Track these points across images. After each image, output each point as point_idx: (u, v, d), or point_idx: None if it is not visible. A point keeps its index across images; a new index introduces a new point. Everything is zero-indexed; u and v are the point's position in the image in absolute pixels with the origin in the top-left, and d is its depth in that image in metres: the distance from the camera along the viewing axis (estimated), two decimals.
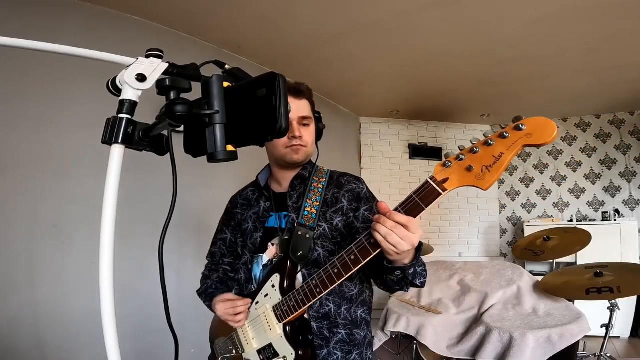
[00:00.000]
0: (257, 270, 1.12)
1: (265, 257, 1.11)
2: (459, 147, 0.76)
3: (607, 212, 4.00)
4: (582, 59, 2.99)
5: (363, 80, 3.50)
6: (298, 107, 1.07)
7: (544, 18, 2.44)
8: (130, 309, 2.18)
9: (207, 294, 1.19)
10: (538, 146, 0.69)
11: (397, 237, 0.76)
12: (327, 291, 0.90)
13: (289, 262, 1.02)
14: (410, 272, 0.88)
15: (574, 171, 4.39)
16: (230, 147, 0.54)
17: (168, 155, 0.61)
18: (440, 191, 0.75)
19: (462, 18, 2.48)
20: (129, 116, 0.55)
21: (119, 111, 0.55)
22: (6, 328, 1.80)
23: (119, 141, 0.54)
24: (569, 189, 4.41)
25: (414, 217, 0.77)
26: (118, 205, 0.53)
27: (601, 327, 2.04)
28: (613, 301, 1.97)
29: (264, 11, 2.42)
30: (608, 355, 2.15)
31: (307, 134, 1.09)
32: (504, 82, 3.51)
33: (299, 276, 1.04)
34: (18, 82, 1.94)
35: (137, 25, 2.45)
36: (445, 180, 0.75)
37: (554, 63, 3.08)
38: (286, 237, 1.05)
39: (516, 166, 4.74)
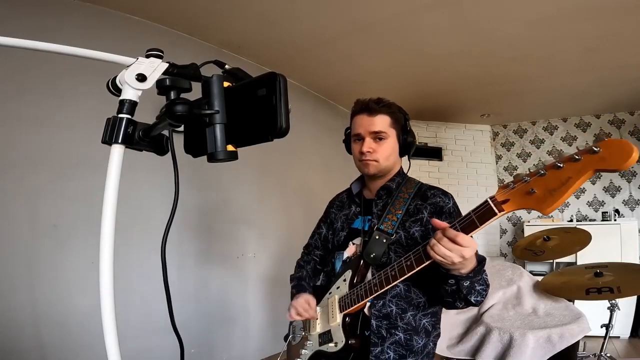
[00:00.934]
0: (338, 265, 1.23)
1: (345, 254, 1.22)
2: (528, 169, 0.76)
3: (607, 212, 4.00)
4: (582, 59, 2.99)
5: (363, 80, 3.50)
6: (370, 123, 1.13)
7: (544, 18, 2.44)
8: (131, 309, 2.18)
9: (301, 285, 1.28)
10: (611, 171, 0.66)
11: (444, 248, 0.81)
12: (382, 290, 0.99)
13: (362, 262, 1.12)
14: (464, 284, 0.90)
15: None
16: (230, 147, 0.54)
17: (168, 155, 0.61)
18: (497, 211, 0.77)
19: (462, 18, 2.48)
20: (129, 116, 0.55)
21: (119, 111, 0.55)
22: (6, 328, 1.80)
23: (119, 141, 0.54)
24: None
25: (468, 233, 0.81)
26: (118, 205, 0.53)
27: (601, 327, 2.04)
28: (613, 301, 1.97)
29: (264, 11, 2.42)
30: (608, 355, 2.15)
31: (381, 149, 1.14)
32: (504, 82, 3.51)
33: (369, 275, 1.12)
34: (18, 82, 1.94)
35: (137, 25, 2.45)
36: (505, 202, 0.76)
37: (554, 63, 3.08)
38: (365, 239, 1.15)
39: (516, 166, 4.74)
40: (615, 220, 3.88)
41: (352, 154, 1.23)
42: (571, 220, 4.16)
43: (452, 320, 2.10)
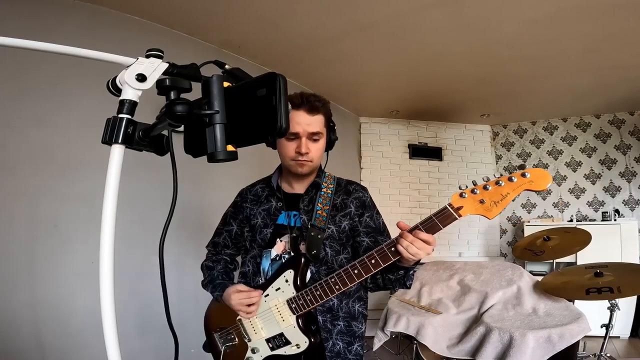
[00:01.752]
0: (266, 264, 1.18)
1: (274, 252, 1.18)
2: (472, 182, 0.95)
3: (607, 212, 4.00)
4: (582, 59, 2.99)
5: (363, 80, 3.50)
6: (309, 123, 1.11)
7: (544, 18, 2.44)
8: (131, 309, 2.18)
9: (216, 284, 1.24)
10: (535, 191, 0.91)
11: (415, 248, 0.93)
12: (345, 289, 1.02)
13: (303, 260, 1.10)
14: (411, 273, 1.07)
15: (574, 171, 4.39)
16: (230, 147, 0.54)
17: (168, 155, 0.61)
18: (457, 216, 0.93)
19: (462, 18, 2.47)
20: (129, 116, 0.55)
21: (119, 111, 0.55)
22: (6, 328, 1.80)
23: (119, 141, 0.54)
24: (569, 189, 4.41)
25: (432, 234, 0.94)
26: (118, 205, 0.54)
27: (601, 327, 2.04)
28: (613, 301, 1.97)
29: (264, 11, 2.42)
30: (608, 355, 2.15)
31: (315, 149, 1.14)
32: (504, 82, 3.50)
33: (307, 273, 1.13)
34: (18, 82, 1.94)
35: (137, 25, 2.45)
36: (460, 208, 0.94)
37: (554, 63, 3.08)
38: (294, 235, 1.14)
39: (516, 166, 4.74)
40: (615, 220, 3.88)
41: (275, 148, 1.18)
42: (571, 220, 4.16)
43: (452, 320, 2.10)
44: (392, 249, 0.97)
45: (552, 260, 2.96)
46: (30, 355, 1.85)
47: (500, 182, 0.90)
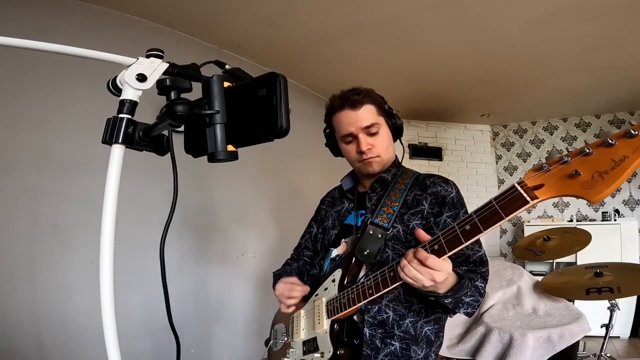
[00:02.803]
0: (326, 264, 1.12)
1: (335, 252, 1.10)
2: (566, 149, 0.62)
3: (607, 212, 4.00)
4: (582, 59, 2.99)
5: (363, 80, 3.44)
6: (358, 118, 1.02)
7: (544, 18, 2.44)
8: (131, 309, 2.18)
9: (278, 274, 1.19)
10: None
11: (414, 270, 0.75)
12: (378, 294, 0.86)
13: (353, 259, 0.99)
14: (446, 301, 0.84)
15: None
16: (230, 147, 0.54)
17: (168, 155, 0.61)
18: (529, 199, 0.61)
19: (462, 18, 2.47)
20: (129, 116, 0.55)
21: (119, 111, 0.55)
22: (6, 328, 1.80)
23: (119, 141, 0.54)
24: None
25: (488, 227, 0.67)
26: (118, 205, 0.53)
27: (601, 327, 2.04)
28: (613, 301, 1.98)
29: (264, 11, 2.42)
30: (608, 355, 2.15)
31: (378, 141, 1.04)
32: (504, 82, 3.50)
33: (362, 274, 1.01)
34: (18, 82, 1.93)
35: (137, 25, 2.45)
36: (538, 187, 0.61)
37: (554, 63, 3.08)
38: (358, 235, 1.02)
39: (516, 166, 4.74)
40: (615, 220, 3.88)
41: (343, 156, 1.12)
42: (571, 220, 4.16)
43: (452, 320, 2.10)
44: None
45: (552, 260, 2.96)
46: (30, 355, 1.85)
47: (611, 140, 0.55)
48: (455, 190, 1.02)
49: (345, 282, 0.98)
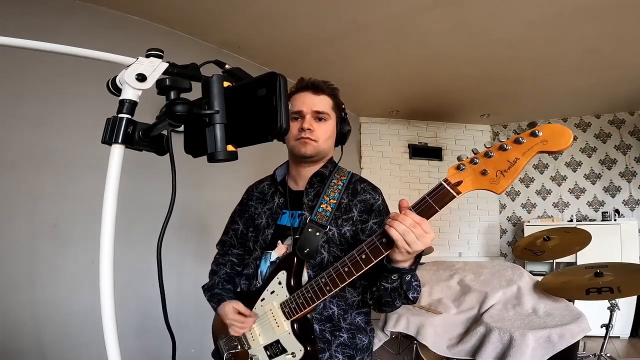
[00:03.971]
0: (264, 267, 1.10)
1: (274, 255, 1.10)
2: (472, 151, 0.77)
3: (607, 212, 4.00)
4: (582, 59, 2.99)
5: (363, 80, 3.50)
6: (314, 102, 1.06)
7: (544, 18, 2.44)
8: (131, 309, 2.18)
9: (213, 294, 1.17)
10: (553, 153, 0.70)
11: (414, 235, 0.76)
12: (336, 289, 0.90)
13: (295, 259, 1.01)
14: (407, 278, 0.88)
15: (574, 171, 4.39)
16: (230, 147, 0.54)
17: (168, 155, 0.61)
18: (455, 194, 0.75)
19: (462, 18, 2.47)
20: (129, 116, 0.55)
21: (119, 111, 0.55)
22: (6, 328, 1.80)
23: (119, 141, 0.54)
24: (569, 189, 4.41)
25: (427, 218, 0.78)
26: (118, 205, 0.53)
27: (601, 327, 2.04)
28: (613, 301, 1.97)
29: (264, 11, 2.42)
30: (608, 355, 2.15)
31: (321, 129, 1.06)
32: (504, 82, 3.50)
33: (305, 275, 1.03)
34: (18, 82, 1.94)
35: (137, 25, 2.45)
36: (459, 183, 0.75)
37: (554, 63, 3.08)
38: (297, 237, 1.03)
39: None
40: (615, 220, 3.88)
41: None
42: (571, 220, 4.16)
43: (452, 320, 2.10)
44: (384, 239, 0.81)
45: (552, 260, 2.96)
46: (30, 355, 1.85)
47: (506, 146, 0.72)
48: (381, 198, 1.08)
49: (292, 283, 1.00)
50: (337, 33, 2.68)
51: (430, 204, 0.77)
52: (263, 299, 1.06)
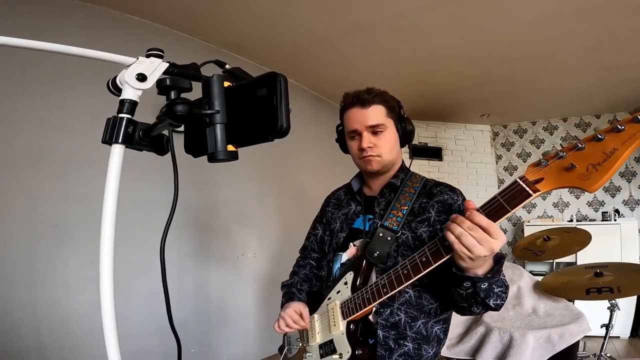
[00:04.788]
0: (336, 268, 1.13)
1: (345, 256, 1.12)
2: (561, 145, 0.69)
3: (607, 212, 4.00)
4: (582, 59, 2.99)
5: (363, 80, 3.45)
6: (365, 117, 1.04)
7: (544, 18, 2.44)
8: (131, 309, 2.18)
9: (288, 292, 1.20)
10: None
11: (472, 239, 0.69)
12: (393, 292, 0.87)
13: (364, 262, 1.01)
14: (482, 286, 0.79)
15: None
16: (230, 147, 0.54)
17: (168, 155, 0.61)
18: (531, 192, 0.66)
19: (462, 18, 2.47)
20: (129, 116, 0.55)
21: (119, 111, 0.55)
22: (6, 328, 1.80)
23: (119, 141, 0.54)
24: (569, 188, 4.40)
25: (496, 220, 0.70)
26: (118, 205, 0.53)
27: (601, 327, 2.04)
28: (613, 301, 1.97)
29: (264, 11, 2.42)
30: (608, 355, 2.15)
31: (381, 142, 1.05)
32: (504, 82, 3.51)
33: (373, 276, 1.02)
34: (18, 82, 1.94)
35: (137, 25, 2.45)
36: (538, 181, 0.67)
37: (554, 63, 3.08)
38: (367, 240, 1.04)
39: (516, 166, 4.74)
40: (615, 220, 3.88)
41: (349, 152, 1.15)
42: (571, 220, 4.16)
43: (452, 320, 2.10)
44: (446, 242, 0.74)
45: (552, 260, 2.96)
46: (30, 355, 1.85)
47: (600, 135, 0.61)
48: (462, 198, 1.03)
49: (357, 284, 1.00)
50: (337, 33, 2.68)
51: (501, 204, 0.69)
52: (329, 298, 1.07)
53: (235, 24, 2.58)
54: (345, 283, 1.03)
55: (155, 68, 0.55)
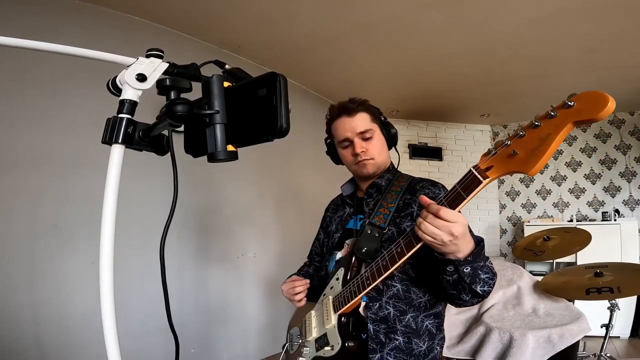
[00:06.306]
0: (331, 266, 1.19)
1: (339, 254, 1.18)
2: (508, 134, 0.72)
3: (607, 212, 4.00)
4: (582, 59, 2.99)
5: (363, 80, 3.50)
6: (353, 125, 1.11)
7: (544, 18, 2.44)
8: (131, 309, 2.18)
9: (293, 274, 1.30)
10: (590, 122, 0.64)
11: (430, 226, 0.75)
12: (375, 283, 0.92)
13: (353, 257, 1.07)
14: (465, 270, 0.82)
15: (574, 171, 4.39)
16: (230, 147, 0.54)
17: (168, 155, 0.61)
18: (482, 179, 0.73)
19: (462, 18, 2.47)
20: (129, 116, 0.55)
21: (119, 111, 0.55)
22: (6, 328, 1.80)
23: (119, 141, 0.54)
24: (569, 189, 4.41)
25: (455, 207, 0.76)
26: (118, 205, 0.53)
27: (601, 327, 2.04)
28: (613, 301, 1.97)
29: (264, 11, 2.42)
30: (608, 355, 2.15)
31: (372, 146, 1.12)
32: (504, 82, 3.51)
33: (362, 271, 1.06)
34: (18, 82, 1.94)
35: (137, 25, 2.45)
36: (488, 169, 0.73)
37: (554, 63, 3.08)
38: (357, 238, 1.10)
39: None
40: (615, 220, 3.88)
41: (341, 162, 1.21)
42: (571, 220, 4.16)
43: (452, 320, 2.10)
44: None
45: (552, 260, 2.96)
46: (30, 355, 1.85)
47: (536, 122, 0.67)
48: (443, 192, 1.05)
49: (347, 279, 1.05)
50: (338, 33, 2.68)
51: (458, 192, 0.76)
52: (324, 294, 1.14)
53: (235, 24, 2.59)
54: (337, 279, 1.09)
55: (155, 68, 0.55)
